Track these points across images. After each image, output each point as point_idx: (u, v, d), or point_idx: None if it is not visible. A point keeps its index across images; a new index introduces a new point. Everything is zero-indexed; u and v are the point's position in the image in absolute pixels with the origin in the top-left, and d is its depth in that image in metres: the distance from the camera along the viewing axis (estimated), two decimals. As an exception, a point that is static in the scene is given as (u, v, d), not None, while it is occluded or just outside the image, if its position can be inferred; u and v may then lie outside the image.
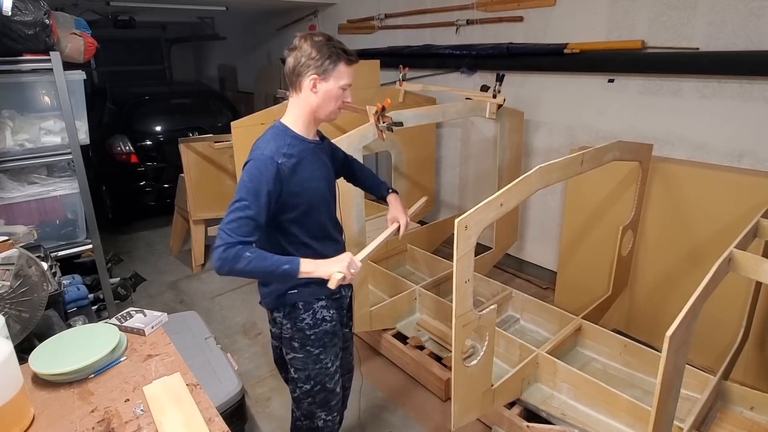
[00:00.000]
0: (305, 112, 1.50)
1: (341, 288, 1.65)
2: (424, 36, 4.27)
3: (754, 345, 2.36)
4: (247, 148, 1.55)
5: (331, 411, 1.67)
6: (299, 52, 1.43)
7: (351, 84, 1.49)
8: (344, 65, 1.44)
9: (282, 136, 1.47)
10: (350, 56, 1.45)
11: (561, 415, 2.16)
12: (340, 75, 1.45)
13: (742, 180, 2.38)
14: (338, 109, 1.51)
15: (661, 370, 1.23)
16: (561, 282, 3.28)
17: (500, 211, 1.67)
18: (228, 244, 1.30)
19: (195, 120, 5.25)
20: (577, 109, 3.23)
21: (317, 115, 1.51)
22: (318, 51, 1.41)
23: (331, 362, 1.63)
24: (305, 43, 1.42)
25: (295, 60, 1.44)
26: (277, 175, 1.39)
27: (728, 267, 1.54)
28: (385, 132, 2.25)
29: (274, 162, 1.39)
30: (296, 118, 1.51)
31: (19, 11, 2.06)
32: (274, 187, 1.38)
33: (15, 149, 2.35)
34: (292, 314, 1.57)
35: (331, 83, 1.45)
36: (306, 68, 1.43)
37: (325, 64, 1.42)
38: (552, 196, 3.48)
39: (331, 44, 1.43)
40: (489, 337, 1.85)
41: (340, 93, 1.47)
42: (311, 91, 1.45)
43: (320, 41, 1.42)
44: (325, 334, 1.59)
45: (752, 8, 2.36)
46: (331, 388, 1.64)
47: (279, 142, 1.45)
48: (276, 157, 1.40)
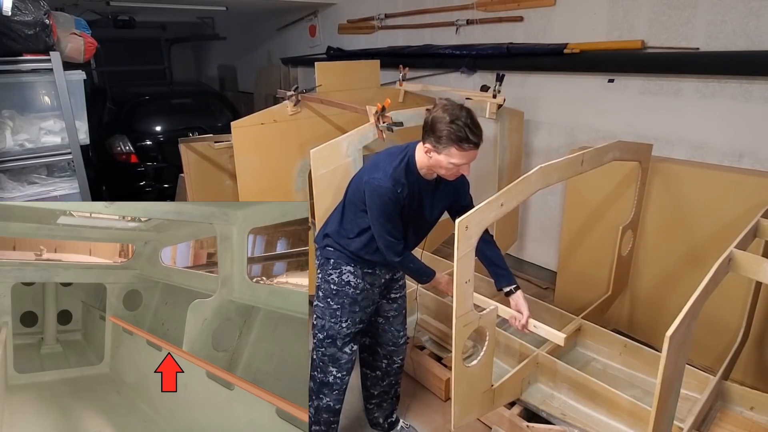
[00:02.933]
0: (425, 162, 1.68)
1: (376, 267, 1.85)
2: (424, 36, 4.27)
3: (754, 345, 2.36)
4: (247, 148, 1.56)
5: (341, 369, 1.88)
6: (431, 116, 1.59)
7: (465, 163, 1.61)
8: (456, 149, 1.56)
9: (405, 165, 1.69)
10: (466, 142, 1.54)
11: (561, 415, 2.16)
12: (450, 154, 1.58)
13: (742, 180, 2.38)
14: (451, 173, 1.65)
15: (661, 370, 1.23)
16: (561, 282, 3.27)
17: (500, 211, 1.67)
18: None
19: (195, 120, 5.24)
20: (577, 109, 3.23)
21: (432, 169, 1.69)
22: (440, 126, 1.55)
23: (347, 324, 1.83)
24: (437, 112, 1.57)
25: (430, 119, 1.59)
26: (397, 197, 1.66)
27: (728, 267, 1.54)
28: (385, 132, 2.25)
29: (394, 191, 1.65)
30: (421, 157, 1.69)
31: (19, 11, 2.06)
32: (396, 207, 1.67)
33: (15, 149, 2.36)
34: (325, 267, 1.86)
35: (441, 157, 1.60)
36: (428, 133, 1.60)
37: (440, 140, 1.56)
38: (552, 196, 3.48)
39: (453, 125, 1.53)
40: (489, 337, 1.85)
41: (452, 167, 1.61)
42: (426, 155, 1.64)
43: (447, 118, 1.54)
44: (346, 296, 1.82)
45: (752, 8, 2.36)
46: (340, 346, 1.85)
47: (399, 172, 1.67)
48: (396, 187, 1.65)
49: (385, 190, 1.64)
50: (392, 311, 2.02)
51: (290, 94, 2.96)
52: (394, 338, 2.05)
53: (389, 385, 2.15)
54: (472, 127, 1.54)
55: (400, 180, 1.66)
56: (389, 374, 2.11)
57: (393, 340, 2.05)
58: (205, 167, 3.86)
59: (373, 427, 2.25)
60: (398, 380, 2.17)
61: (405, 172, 1.68)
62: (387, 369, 2.09)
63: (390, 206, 1.66)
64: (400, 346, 2.08)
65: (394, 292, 2.01)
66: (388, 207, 1.66)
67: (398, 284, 2.03)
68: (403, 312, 2.07)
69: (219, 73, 9.01)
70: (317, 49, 5.77)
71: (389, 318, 2.02)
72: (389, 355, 2.07)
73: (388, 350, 2.06)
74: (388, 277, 1.94)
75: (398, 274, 2.01)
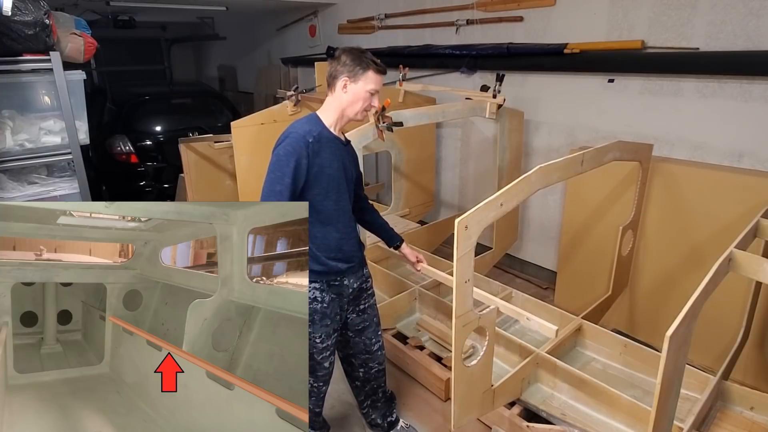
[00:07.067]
0: (336, 109, 1.75)
1: (343, 276, 1.85)
2: (424, 36, 4.27)
3: (754, 345, 2.36)
4: (247, 148, 1.58)
5: (318, 379, 1.91)
6: (336, 61, 1.72)
7: (378, 90, 1.74)
8: (373, 72, 1.71)
9: (315, 123, 1.73)
10: (379, 66, 1.73)
11: (561, 415, 2.16)
12: (368, 80, 1.71)
13: (742, 180, 2.38)
14: (365, 110, 1.77)
15: (661, 370, 1.23)
16: (561, 282, 3.28)
17: (500, 211, 1.67)
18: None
19: (195, 120, 5.24)
20: (577, 109, 3.23)
21: (346, 113, 1.76)
22: (352, 59, 1.70)
23: (321, 339, 1.83)
24: (344, 53, 1.73)
25: (333, 67, 1.73)
26: (307, 150, 1.64)
27: (728, 267, 1.54)
28: (385, 132, 2.25)
29: (305, 139, 1.65)
30: (328, 112, 1.77)
31: (19, 11, 2.06)
32: (304, 163, 1.64)
33: (15, 149, 2.36)
34: None
35: (359, 85, 1.71)
36: (340, 73, 1.71)
37: (356, 69, 1.70)
38: (552, 196, 3.48)
39: (364, 55, 1.72)
40: (489, 337, 1.85)
41: (368, 96, 1.73)
42: (342, 91, 1.72)
43: (356, 52, 1.72)
44: (315, 312, 1.81)
45: (752, 8, 2.36)
46: (319, 359, 1.86)
47: (312, 126, 1.71)
48: (307, 136, 1.66)
49: (297, 136, 1.64)
50: (362, 323, 2.00)
51: (290, 94, 2.97)
52: (367, 347, 2.04)
53: (373, 390, 2.15)
54: (377, 58, 1.74)
55: (312, 132, 1.67)
56: (369, 380, 2.12)
57: (366, 349, 2.04)
58: (205, 167, 3.86)
59: (373, 427, 2.25)
60: (381, 383, 2.16)
61: (317, 131, 1.70)
62: (365, 376, 2.10)
63: (296, 152, 1.62)
64: (374, 353, 2.07)
65: (363, 303, 1.98)
66: (294, 153, 1.62)
67: (366, 293, 2.00)
68: (374, 320, 2.05)
69: (219, 73, 9.01)
70: (317, 49, 5.77)
71: (359, 330, 2.00)
72: (364, 364, 2.07)
73: (363, 359, 2.06)
74: (356, 286, 1.91)
75: (367, 283, 1.98)
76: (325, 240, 1.78)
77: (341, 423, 2.35)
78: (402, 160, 3.86)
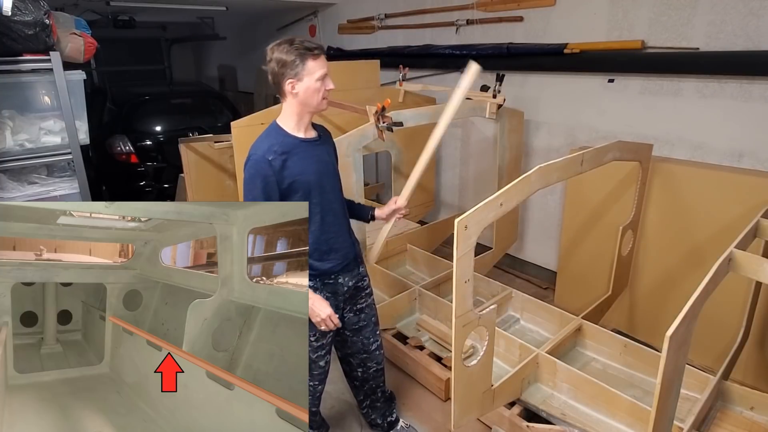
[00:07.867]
0: (294, 111, 1.68)
1: (337, 275, 1.84)
2: (424, 36, 4.27)
3: (754, 345, 2.36)
4: (247, 148, 1.60)
5: (313, 378, 1.90)
6: (272, 64, 1.61)
7: (326, 72, 1.62)
8: (311, 60, 1.58)
9: (274, 135, 1.67)
10: (314, 51, 1.59)
11: (561, 415, 2.16)
12: (311, 70, 1.59)
13: (742, 180, 2.38)
14: (323, 98, 1.66)
15: (661, 370, 1.23)
16: (561, 282, 3.28)
17: (500, 211, 1.67)
18: None
19: (195, 120, 5.24)
20: (576, 109, 3.23)
21: (306, 111, 1.68)
22: (286, 56, 1.57)
23: (315, 338, 1.83)
24: (273, 53, 1.60)
25: (271, 71, 1.62)
26: (271, 168, 1.59)
27: (728, 267, 1.54)
28: (385, 132, 2.26)
29: (265, 158, 1.59)
30: (287, 118, 1.70)
31: (19, 11, 2.06)
32: (271, 180, 1.60)
33: (15, 149, 2.36)
34: None
35: (305, 80, 1.60)
36: (281, 76, 1.60)
37: (294, 65, 1.58)
38: (552, 196, 3.48)
39: (293, 47, 1.57)
40: (489, 337, 1.85)
41: (319, 84, 1.62)
42: (292, 93, 1.62)
43: (284, 48, 1.58)
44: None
45: (752, 8, 2.36)
46: (313, 359, 1.86)
47: (271, 140, 1.64)
48: (267, 154, 1.60)
49: (257, 158, 1.60)
50: (360, 322, 1.98)
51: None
52: (365, 347, 2.03)
53: (372, 390, 2.15)
54: (304, 41, 1.59)
55: (272, 148, 1.61)
56: (367, 380, 2.11)
57: (363, 349, 2.03)
58: (205, 167, 3.86)
59: (373, 427, 2.25)
60: (380, 383, 2.15)
61: (278, 143, 1.63)
62: (364, 376, 2.09)
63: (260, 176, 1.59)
64: (372, 352, 2.05)
65: (360, 302, 1.97)
66: (258, 177, 1.59)
67: (364, 293, 1.98)
68: (372, 320, 2.03)
69: (219, 73, 9.00)
70: (317, 49, 5.76)
71: (357, 329, 1.99)
72: (362, 363, 2.06)
73: (361, 358, 2.05)
74: (351, 285, 1.90)
75: (364, 282, 1.97)
76: (315, 242, 1.77)
77: (341, 423, 2.36)
78: (402, 160, 3.85)
